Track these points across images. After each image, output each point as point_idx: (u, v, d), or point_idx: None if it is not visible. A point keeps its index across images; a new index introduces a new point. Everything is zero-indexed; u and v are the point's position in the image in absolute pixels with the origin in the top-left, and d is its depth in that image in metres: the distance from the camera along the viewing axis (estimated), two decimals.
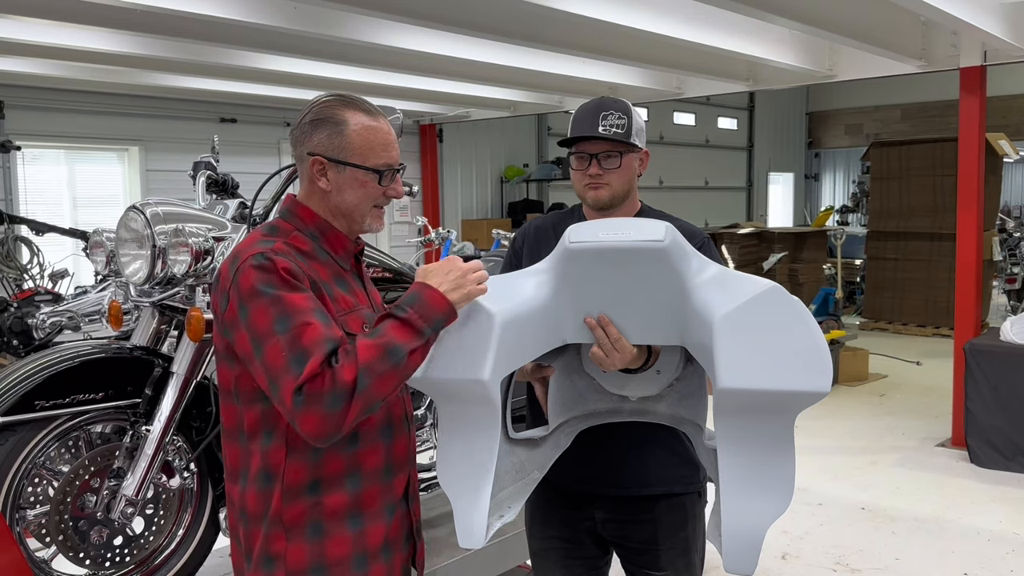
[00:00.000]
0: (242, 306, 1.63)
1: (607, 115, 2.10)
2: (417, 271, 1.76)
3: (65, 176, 8.33)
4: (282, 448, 1.70)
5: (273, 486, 1.70)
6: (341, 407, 1.56)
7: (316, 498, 1.71)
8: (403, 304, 1.67)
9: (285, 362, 1.57)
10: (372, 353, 1.59)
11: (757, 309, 1.68)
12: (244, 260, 1.65)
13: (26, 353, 4.70)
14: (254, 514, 1.72)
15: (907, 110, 16.41)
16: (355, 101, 1.77)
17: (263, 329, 1.60)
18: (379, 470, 1.78)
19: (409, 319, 1.64)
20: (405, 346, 1.62)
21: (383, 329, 1.64)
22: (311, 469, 1.71)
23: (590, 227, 1.85)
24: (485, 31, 5.32)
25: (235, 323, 1.64)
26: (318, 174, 1.76)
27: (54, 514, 2.41)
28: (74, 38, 5.66)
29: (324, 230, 1.78)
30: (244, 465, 1.74)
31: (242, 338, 1.63)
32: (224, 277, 1.69)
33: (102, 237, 2.96)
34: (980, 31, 5.18)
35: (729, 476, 1.73)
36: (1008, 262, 10.93)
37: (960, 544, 4.51)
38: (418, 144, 10.73)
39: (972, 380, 5.74)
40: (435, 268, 1.74)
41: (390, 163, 1.78)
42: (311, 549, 1.71)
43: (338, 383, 1.56)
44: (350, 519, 1.74)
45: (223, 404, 1.79)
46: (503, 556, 3.17)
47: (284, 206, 1.83)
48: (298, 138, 1.77)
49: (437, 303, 1.67)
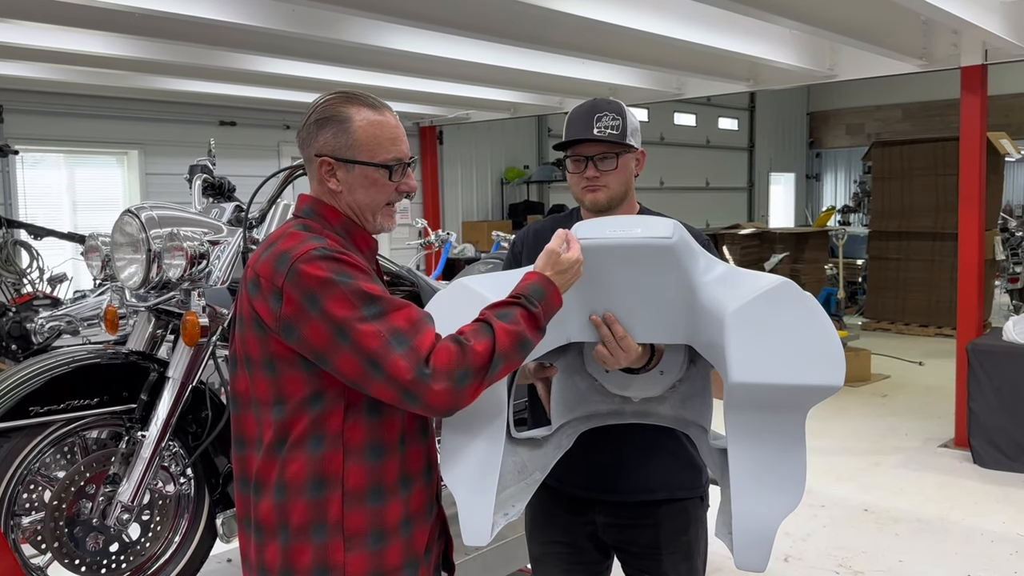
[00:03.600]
0: (312, 299, 1.55)
1: (601, 116, 2.08)
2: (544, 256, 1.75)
3: (64, 180, 8.32)
4: (338, 452, 1.63)
5: (329, 494, 1.63)
6: (470, 383, 1.57)
7: (378, 507, 1.66)
8: (532, 296, 1.68)
9: (386, 342, 1.53)
10: (510, 340, 1.61)
11: (769, 304, 1.68)
12: (300, 255, 1.57)
13: (24, 357, 4.68)
14: (300, 526, 1.63)
15: (908, 109, 16.39)
16: (359, 96, 1.72)
17: (346, 315, 1.54)
18: (422, 471, 1.76)
19: (537, 315, 1.67)
20: (532, 340, 1.66)
21: (516, 316, 1.64)
22: (372, 473, 1.66)
23: (597, 224, 1.85)
24: (485, 33, 5.31)
25: (300, 318, 1.56)
26: (327, 175, 1.71)
27: (49, 520, 2.39)
28: (73, 42, 5.66)
29: (350, 229, 1.74)
30: (278, 477, 1.64)
31: (315, 331, 1.55)
32: (269, 277, 1.59)
33: (98, 241, 2.95)
34: (981, 30, 5.16)
35: (740, 472, 1.72)
36: (1010, 261, 10.91)
37: (964, 545, 4.48)
38: (418, 146, 10.73)
39: (975, 380, 5.72)
40: (560, 263, 1.74)
41: (400, 157, 1.73)
42: (371, 558, 1.66)
43: (471, 360, 1.57)
44: (403, 526, 1.70)
45: (244, 415, 1.70)
46: (504, 561, 3.16)
47: (306, 206, 1.74)
48: (304, 140, 1.73)
49: (556, 303, 1.71)
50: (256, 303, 1.62)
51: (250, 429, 1.69)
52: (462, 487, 1.79)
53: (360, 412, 1.64)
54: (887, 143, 11.61)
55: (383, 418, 1.66)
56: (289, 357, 1.61)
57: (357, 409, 1.63)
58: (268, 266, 1.61)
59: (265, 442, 1.66)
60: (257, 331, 1.64)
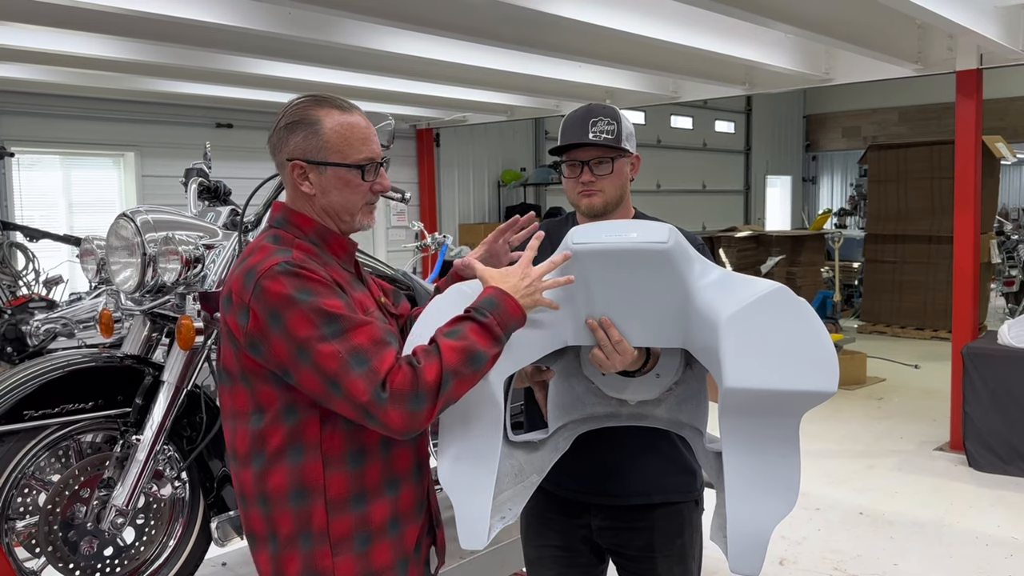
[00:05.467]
0: (274, 316, 1.56)
1: (596, 121, 2.09)
2: (489, 274, 1.75)
3: (60, 182, 8.31)
4: (318, 462, 1.64)
5: (312, 503, 1.65)
6: (425, 407, 1.57)
7: (362, 511, 1.68)
8: (483, 308, 1.67)
9: (345, 363, 1.54)
10: (456, 357, 1.60)
11: (763, 309, 1.68)
12: (265, 270, 1.58)
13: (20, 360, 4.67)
14: (288, 535, 1.66)
15: (904, 113, 16.43)
16: (327, 99, 1.73)
17: (306, 335, 1.55)
18: (411, 472, 1.77)
19: (489, 325, 1.65)
20: (486, 352, 1.64)
21: (464, 331, 1.64)
22: (353, 480, 1.67)
23: (593, 229, 1.86)
24: (481, 36, 5.32)
25: (264, 336, 1.57)
26: (300, 178, 1.70)
27: (44, 524, 2.39)
28: (69, 44, 5.65)
29: (324, 235, 1.74)
30: (262, 487, 1.66)
31: (278, 348, 1.57)
32: (238, 292, 1.61)
33: (93, 245, 2.94)
34: (975, 34, 5.17)
35: (734, 477, 1.73)
36: (1006, 264, 10.93)
37: (958, 548, 4.49)
38: (415, 148, 10.72)
39: (970, 384, 5.73)
40: (511, 273, 1.75)
41: (371, 157, 1.72)
42: (360, 560, 1.68)
43: (422, 383, 1.56)
44: (390, 526, 1.72)
45: (236, 427, 1.70)
46: (499, 564, 3.15)
47: (277, 216, 1.75)
48: (276, 145, 1.73)
49: (514, 311, 1.69)
50: (228, 318, 1.65)
51: (234, 441, 1.71)
52: (459, 490, 1.79)
53: (337, 422, 1.65)
54: (883, 146, 11.63)
55: (360, 425, 1.65)
56: (259, 371, 1.64)
57: (334, 419, 1.64)
58: (239, 281, 1.63)
59: (244, 452, 1.68)
60: (232, 345, 1.67)
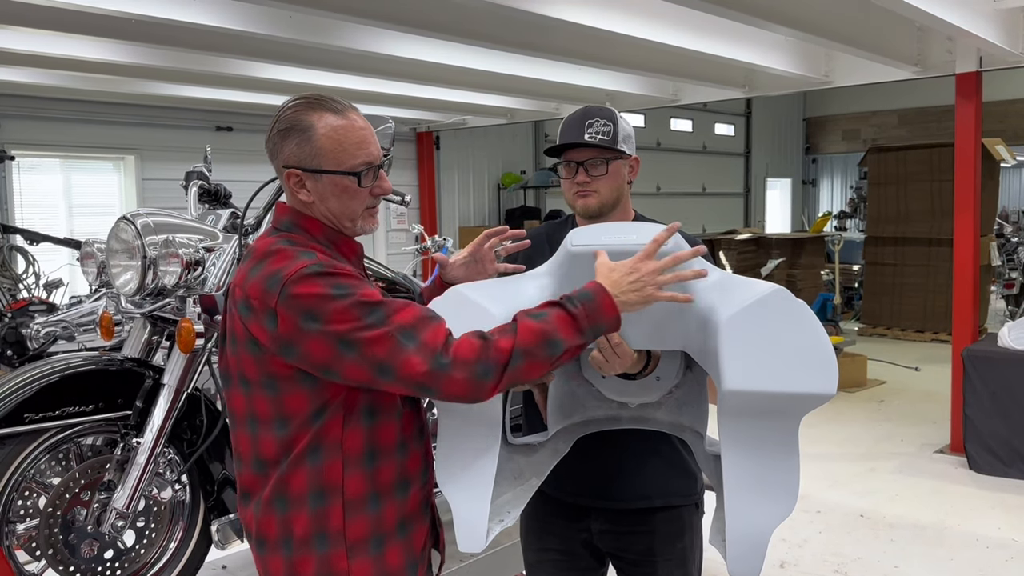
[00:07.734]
0: (310, 316, 1.53)
1: (592, 123, 2.09)
2: (601, 266, 1.69)
3: (61, 185, 8.31)
4: (337, 462, 1.62)
5: (330, 503, 1.63)
6: (491, 378, 1.55)
7: (376, 512, 1.67)
8: (576, 298, 1.63)
9: (396, 343, 1.52)
10: (533, 337, 1.57)
11: (762, 312, 1.68)
12: (292, 274, 1.55)
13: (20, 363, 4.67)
14: (304, 538, 1.63)
15: (904, 115, 16.43)
16: (320, 101, 1.67)
17: (349, 327, 1.52)
18: (420, 473, 1.76)
19: (577, 316, 1.61)
20: (564, 341, 1.59)
21: (549, 316, 1.60)
22: (369, 480, 1.65)
23: (593, 231, 1.86)
24: (481, 39, 5.32)
25: (299, 336, 1.54)
26: (296, 187, 1.67)
27: (44, 527, 2.39)
28: (70, 47, 5.66)
29: (334, 239, 1.71)
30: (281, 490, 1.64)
31: (315, 347, 1.54)
32: (260, 298, 1.57)
33: (93, 248, 2.95)
34: (975, 37, 5.18)
35: (733, 479, 1.73)
36: (1006, 267, 10.93)
37: (959, 551, 4.48)
38: (415, 151, 10.73)
39: (970, 386, 5.72)
40: (620, 268, 1.69)
41: (368, 161, 1.67)
42: (375, 563, 1.66)
43: (491, 354, 1.55)
44: (400, 528, 1.71)
45: (239, 432, 1.69)
46: (499, 568, 3.15)
47: (286, 219, 1.71)
48: (272, 151, 1.70)
49: (607, 309, 1.64)
50: (250, 324, 1.60)
51: (245, 446, 1.69)
52: (458, 493, 1.78)
53: (358, 419, 1.64)
54: (883, 149, 11.64)
55: (379, 423, 1.65)
56: (290, 375, 1.60)
57: (355, 416, 1.63)
58: (259, 287, 1.58)
59: (264, 458, 1.65)
60: (253, 351, 1.62)
